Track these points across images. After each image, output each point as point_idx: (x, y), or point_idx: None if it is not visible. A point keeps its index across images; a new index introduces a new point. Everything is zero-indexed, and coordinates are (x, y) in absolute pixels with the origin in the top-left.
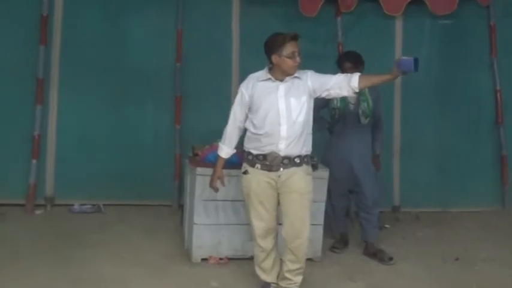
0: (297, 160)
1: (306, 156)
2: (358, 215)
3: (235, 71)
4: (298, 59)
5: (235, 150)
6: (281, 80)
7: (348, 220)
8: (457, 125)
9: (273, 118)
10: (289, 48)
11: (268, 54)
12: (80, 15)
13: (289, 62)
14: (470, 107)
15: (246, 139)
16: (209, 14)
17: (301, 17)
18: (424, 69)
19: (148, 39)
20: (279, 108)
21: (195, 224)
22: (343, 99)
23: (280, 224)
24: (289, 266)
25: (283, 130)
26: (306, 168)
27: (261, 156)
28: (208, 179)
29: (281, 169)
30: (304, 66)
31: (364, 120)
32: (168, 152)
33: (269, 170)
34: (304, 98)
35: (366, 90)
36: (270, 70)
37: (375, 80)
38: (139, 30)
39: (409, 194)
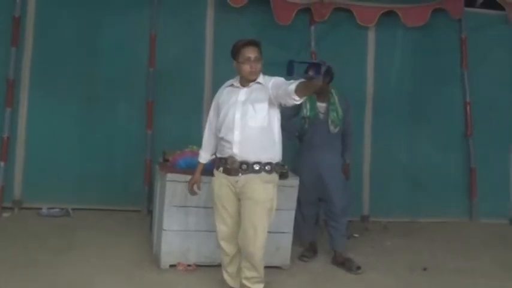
0: (256, 167)
1: (268, 163)
2: (326, 223)
3: (208, 77)
4: (254, 64)
5: (213, 156)
6: (245, 86)
7: (317, 228)
8: (428, 136)
9: (229, 122)
10: (245, 54)
11: (233, 60)
12: (53, 17)
13: (245, 68)
14: (441, 118)
15: None
16: (183, 19)
17: (275, 25)
18: (395, 80)
19: (121, 43)
20: (234, 112)
21: (164, 230)
22: (313, 108)
23: None
24: (246, 273)
25: (236, 135)
26: (265, 176)
27: (223, 160)
28: (178, 185)
29: (239, 174)
30: (277, 74)
31: (334, 130)
32: (139, 157)
33: (228, 174)
34: (263, 105)
35: (336, 99)
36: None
37: (306, 88)
38: (112, 34)
39: (379, 204)
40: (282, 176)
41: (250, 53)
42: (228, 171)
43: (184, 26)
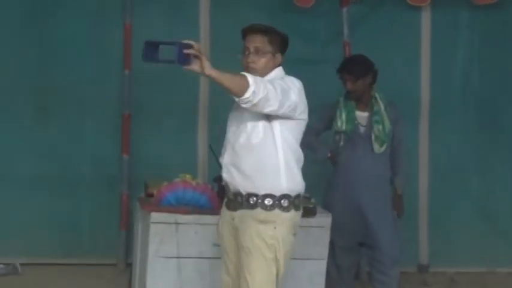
0: (251, 200)
1: (267, 196)
2: (371, 277)
3: (205, 80)
4: (252, 57)
5: None
6: None
7: (358, 284)
8: (507, 156)
9: (226, 138)
10: (244, 44)
11: None
12: None
13: (243, 62)
14: None
15: None
16: (168, 3)
17: (294, 8)
18: (460, 78)
19: (84, 38)
20: (232, 124)
21: None
22: (350, 119)
23: None
24: None
25: (226, 154)
26: (261, 213)
27: (225, 188)
28: (166, 227)
29: (237, 209)
30: (299, 73)
31: (379, 149)
32: (112, 191)
33: (227, 207)
34: (255, 113)
35: (381, 107)
36: None
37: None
38: (71, 26)
39: (441, 249)
40: (308, 213)
41: (250, 42)
42: (227, 204)
43: (170, 12)
